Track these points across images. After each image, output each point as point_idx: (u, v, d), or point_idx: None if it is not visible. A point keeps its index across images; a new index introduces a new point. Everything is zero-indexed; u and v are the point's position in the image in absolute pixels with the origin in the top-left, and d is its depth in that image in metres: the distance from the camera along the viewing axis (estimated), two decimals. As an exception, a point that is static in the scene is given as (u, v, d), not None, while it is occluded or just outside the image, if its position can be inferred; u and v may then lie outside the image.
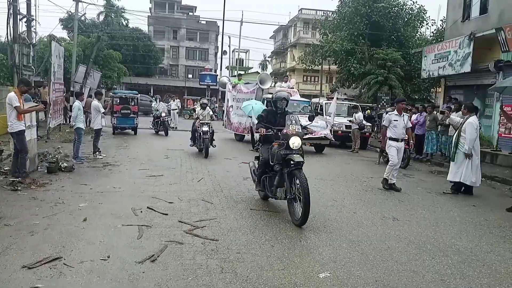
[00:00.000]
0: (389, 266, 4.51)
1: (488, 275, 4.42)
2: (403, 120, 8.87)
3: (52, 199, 6.55)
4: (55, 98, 13.89)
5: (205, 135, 12.25)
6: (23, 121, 7.82)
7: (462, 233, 5.93)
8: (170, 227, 5.45)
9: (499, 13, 14.22)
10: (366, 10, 23.85)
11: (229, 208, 6.62)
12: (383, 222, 6.29)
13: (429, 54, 17.32)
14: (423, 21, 25.83)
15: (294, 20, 50.50)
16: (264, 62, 62.54)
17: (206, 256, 4.54)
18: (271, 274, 4.15)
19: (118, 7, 45.54)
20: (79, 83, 20.18)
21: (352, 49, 24.54)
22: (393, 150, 8.80)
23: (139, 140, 16.04)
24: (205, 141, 12.22)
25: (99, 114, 11.31)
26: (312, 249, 4.91)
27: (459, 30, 16.37)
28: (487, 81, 14.58)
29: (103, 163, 10.20)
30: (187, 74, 53.35)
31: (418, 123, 14.11)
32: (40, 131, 13.26)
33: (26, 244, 4.61)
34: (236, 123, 16.96)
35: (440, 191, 8.95)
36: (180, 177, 9.07)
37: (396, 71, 21.67)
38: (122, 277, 3.92)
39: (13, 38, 11.34)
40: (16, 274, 3.87)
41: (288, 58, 51.51)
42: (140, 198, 6.95)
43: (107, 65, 33.34)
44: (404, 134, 8.93)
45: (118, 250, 4.56)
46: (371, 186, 9.14)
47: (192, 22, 56.17)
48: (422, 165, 13.12)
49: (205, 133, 12.25)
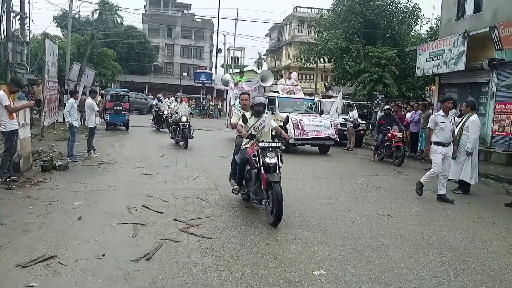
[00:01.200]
0: (384, 263, 4.53)
1: (481, 272, 4.45)
2: (451, 121, 7.78)
3: (46, 198, 6.53)
4: (49, 96, 13.83)
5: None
6: (15, 120, 7.73)
7: (456, 231, 5.96)
8: (165, 225, 5.44)
9: (493, 12, 14.29)
10: (361, 9, 23.89)
11: (224, 206, 6.62)
12: (377, 219, 6.31)
13: (424, 52, 17.38)
14: (418, 19, 25.92)
15: (289, 18, 50.50)
16: (259, 60, 62.49)
17: (201, 254, 4.54)
18: (266, 272, 4.16)
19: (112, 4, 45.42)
20: (73, 81, 20.08)
21: (347, 47, 24.58)
22: (439, 158, 7.69)
23: (134, 138, 15.99)
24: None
25: (93, 112, 11.26)
26: (307, 247, 4.93)
27: (453, 28, 16.43)
28: (481, 79, 14.66)
29: (97, 162, 10.16)
30: (182, 72, 53.23)
31: (413, 121, 14.17)
32: (34, 129, 13.19)
33: (21, 242, 4.59)
34: None
35: (433, 188, 8.98)
36: (176, 175, 9.06)
37: (390, 69, 21.72)
38: (117, 276, 3.91)
39: (7, 36, 11.28)
40: (10, 273, 3.85)
41: (283, 56, 51.51)
42: (135, 196, 6.94)
43: (101, 63, 33.24)
44: (451, 137, 7.83)
45: (113, 249, 4.55)
46: (366, 184, 9.17)
47: (187, 20, 56.00)
48: (417, 163, 13.17)
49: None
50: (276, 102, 14.88)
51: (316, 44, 26.76)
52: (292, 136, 13.20)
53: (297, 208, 6.68)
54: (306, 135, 13.55)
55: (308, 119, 13.90)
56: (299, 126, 13.49)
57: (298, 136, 13.44)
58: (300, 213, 6.37)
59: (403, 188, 8.92)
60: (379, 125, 13.13)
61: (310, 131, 13.59)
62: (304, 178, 9.38)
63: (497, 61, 13.40)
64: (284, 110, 14.45)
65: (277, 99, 15.02)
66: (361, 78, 22.34)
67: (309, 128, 13.63)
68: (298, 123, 13.50)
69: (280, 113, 14.13)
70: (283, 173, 6.20)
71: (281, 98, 15.26)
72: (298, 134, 13.46)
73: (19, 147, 8.13)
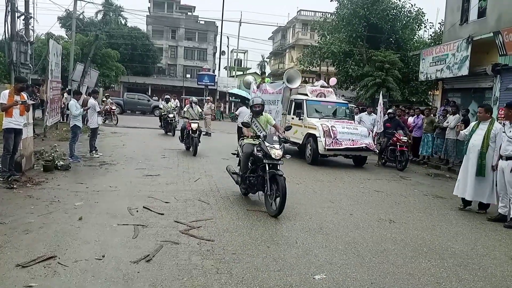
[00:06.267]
0: (385, 269, 4.50)
1: (483, 279, 4.42)
2: None
3: (47, 198, 6.52)
4: (52, 97, 13.85)
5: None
6: (13, 118, 7.64)
7: (458, 236, 5.93)
8: (166, 227, 5.43)
9: (497, 17, 14.24)
10: (365, 12, 23.87)
11: (225, 208, 6.60)
12: (379, 224, 6.28)
13: (427, 57, 17.33)
14: (421, 23, 25.84)
15: (292, 21, 50.51)
16: (262, 63, 62.54)
17: (201, 256, 4.52)
18: (267, 275, 4.14)
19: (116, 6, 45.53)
20: (77, 81, 20.13)
21: (350, 50, 24.57)
22: None
23: (136, 139, 15.99)
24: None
25: (95, 113, 11.26)
26: (308, 251, 4.90)
27: (457, 33, 16.39)
28: (484, 85, 14.60)
29: (99, 162, 10.16)
30: (185, 74, 53.27)
31: (416, 125, 14.14)
32: (37, 129, 13.22)
33: (21, 242, 4.58)
34: None
35: (436, 193, 8.95)
36: (177, 177, 9.04)
37: (394, 73, 21.67)
38: (117, 277, 3.90)
39: (11, 35, 11.27)
40: (10, 273, 3.84)
41: (287, 59, 51.49)
42: (136, 197, 6.93)
43: (105, 64, 33.32)
44: None
45: (113, 250, 4.54)
46: (368, 188, 9.14)
47: (190, 22, 56.10)
48: (419, 168, 13.14)
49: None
50: (304, 106, 12.94)
51: (319, 47, 26.73)
52: (323, 146, 11.56)
53: (299, 211, 6.66)
54: (340, 145, 11.64)
55: (341, 126, 12.08)
56: (331, 134, 11.59)
57: (330, 145, 11.54)
58: (302, 217, 6.35)
59: (405, 193, 8.89)
60: (384, 129, 13.03)
61: (344, 140, 11.70)
62: (306, 182, 9.36)
63: (500, 66, 13.33)
64: (313, 115, 12.73)
65: (305, 103, 13.02)
66: (364, 82, 22.30)
67: (343, 136, 11.75)
68: (330, 131, 11.64)
69: (309, 118, 12.55)
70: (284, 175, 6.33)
71: (309, 101, 13.14)
72: (330, 143, 11.55)
73: (21, 146, 8.13)
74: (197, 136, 12.50)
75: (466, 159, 7.38)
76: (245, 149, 7.04)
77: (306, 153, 12.52)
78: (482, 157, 7.05)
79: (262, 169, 6.57)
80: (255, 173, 6.87)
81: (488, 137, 7.06)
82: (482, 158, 7.05)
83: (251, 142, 7.08)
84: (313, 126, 12.11)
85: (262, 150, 6.57)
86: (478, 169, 7.08)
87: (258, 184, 6.75)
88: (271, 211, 6.28)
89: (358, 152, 12.12)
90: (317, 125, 11.93)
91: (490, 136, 7.06)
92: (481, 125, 7.30)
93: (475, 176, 7.12)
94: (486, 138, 7.06)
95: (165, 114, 18.66)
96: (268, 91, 14.81)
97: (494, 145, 7.03)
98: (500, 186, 6.88)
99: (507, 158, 6.65)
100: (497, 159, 6.94)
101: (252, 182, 6.84)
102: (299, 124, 12.82)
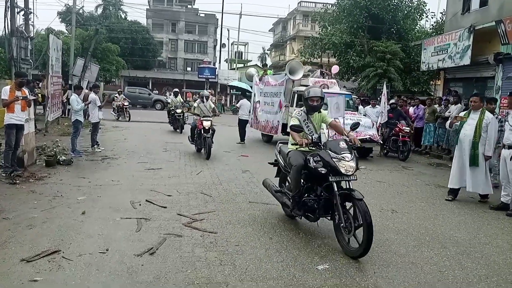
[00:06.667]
0: (388, 258, 4.52)
1: (486, 267, 4.43)
2: None
3: (50, 193, 6.55)
4: (53, 92, 13.85)
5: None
6: (15, 114, 7.64)
7: (460, 225, 5.94)
8: (168, 220, 5.45)
9: (499, 6, 14.16)
10: (366, 3, 23.71)
11: (227, 201, 6.62)
12: (382, 214, 6.29)
13: (429, 47, 17.25)
14: (423, 13, 25.68)
15: (293, 12, 50.22)
16: (263, 55, 62.34)
17: (205, 248, 4.54)
18: (270, 266, 4.16)
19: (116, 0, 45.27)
20: (78, 76, 20.12)
21: (351, 41, 24.43)
22: None
23: (137, 133, 16.00)
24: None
25: (96, 107, 11.26)
26: (310, 241, 4.92)
27: (459, 22, 16.31)
28: (486, 74, 14.54)
29: (101, 156, 10.18)
30: (186, 67, 53.15)
31: (418, 116, 14.10)
32: (39, 124, 13.24)
33: (25, 237, 4.61)
34: (264, 121, 14.69)
35: (438, 183, 8.94)
36: (179, 170, 9.06)
37: (395, 63, 21.57)
38: (121, 270, 3.92)
39: (11, 31, 11.26)
40: (15, 268, 3.87)
41: (288, 51, 51.28)
42: (139, 191, 6.95)
43: (105, 58, 33.28)
44: None
45: (117, 243, 4.56)
46: (370, 179, 9.14)
47: (190, 14, 55.84)
48: (421, 158, 13.12)
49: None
50: None
51: (320, 38, 26.61)
52: (326, 138, 11.33)
53: (301, 203, 6.65)
54: None
55: (345, 118, 11.43)
56: None
57: (333, 137, 10.93)
58: (304, 208, 6.34)
59: (407, 183, 8.89)
60: (387, 119, 12.94)
61: None
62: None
63: (503, 55, 13.27)
64: None
65: None
66: (365, 73, 22.22)
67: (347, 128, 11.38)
68: None
69: None
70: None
71: None
72: (333, 135, 11.05)
73: (23, 142, 8.15)
74: (210, 136, 10.58)
75: (459, 150, 7.29)
76: (295, 160, 5.06)
77: None
78: (475, 147, 6.99)
79: (326, 189, 4.81)
80: (311, 191, 5.11)
81: (480, 127, 6.98)
82: (475, 148, 7.00)
83: (302, 149, 5.14)
84: None
85: (323, 161, 4.72)
86: (472, 159, 7.04)
87: (320, 209, 4.94)
88: (350, 250, 4.52)
89: (363, 143, 11.76)
90: None
91: (482, 126, 6.98)
92: (472, 114, 7.20)
93: (470, 167, 7.09)
94: (478, 128, 6.98)
95: (173, 109, 17.22)
96: (271, 83, 14.65)
97: (485, 135, 6.98)
98: (502, 175, 6.90)
99: (509, 147, 6.64)
100: (492, 149, 6.95)
101: (311, 205, 4.98)
102: None
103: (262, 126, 14.75)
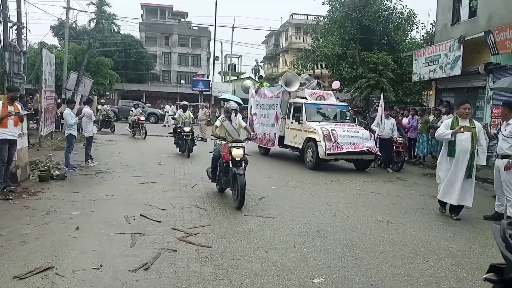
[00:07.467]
0: (384, 270, 4.51)
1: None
2: None
3: (44, 208, 6.49)
4: (46, 106, 13.82)
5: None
6: (7, 129, 7.53)
7: (455, 236, 5.95)
8: (163, 235, 5.41)
9: (488, 17, 14.36)
10: (357, 15, 23.98)
11: (222, 214, 6.60)
12: (377, 225, 6.29)
13: (420, 58, 17.44)
14: (413, 25, 25.98)
15: (285, 25, 50.66)
16: (256, 67, 62.65)
17: (200, 263, 4.51)
18: (266, 280, 4.13)
19: (109, 13, 45.48)
20: (71, 90, 20.09)
21: (343, 53, 24.64)
22: None
23: (132, 147, 15.95)
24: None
25: (91, 121, 11.23)
26: (306, 254, 4.90)
27: (449, 33, 16.51)
28: (477, 84, 14.70)
29: (95, 171, 10.13)
30: (180, 80, 53.26)
31: (412, 126, 14.19)
32: (32, 139, 13.17)
33: (18, 254, 4.56)
34: (260, 133, 14.52)
35: (432, 194, 8.95)
36: (173, 183, 9.03)
37: (387, 74, 21.75)
38: (115, 286, 3.88)
39: (4, 45, 11.26)
40: (7, 285, 3.82)
41: (280, 63, 51.59)
42: (133, 205, 6.91)
43: (98, 72, 33.27)
44: None
45: (111, 259, 4.52)
46: (365, 190, 9.16)
47: (184, 28, 56.17)
48: (415, 168, 13.18)
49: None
50: (303, 110, 12.56)
51: (312, 50, 26.82)
52: (323, 150, 11.15)
53: (296, 215, 6.66)
54: (341, 149, 11.27)
55: (342, 129, 11.76)
56: (331, 138, 11.25)
57: (330, 150, 11.16)
58: (299, 220, 6.35)
59: (401, 194, 8.91)
60: None
61: (345, 144, 11.34)
62: (302, 185, 9.36)
63: (493, 65, 13.44)
64: (313, 118, 12.41)
65: (304, 106, 12.65)
66: (358, 84, 22.38)
67: (344, 140, 11.41)
68: (330, 134, 11.30)
69: (308, 122, 12.21)
70: (281, 179, 6.33)
71: (308, 104, 12.80)
72: (331, 147, 11.19)
73: (16, 157, 8.09)
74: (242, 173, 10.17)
75: (455, 163, 6.75)
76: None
77: (306, 158, 12.10)
78: (473, 158, 6.65)
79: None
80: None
81: (475, 136, 6.65)
82: (472, 159, 6.65)
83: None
84: (313, 130, 11.78)
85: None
86: (469, 171, 6.66)
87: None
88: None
89: (360, 155, 11.70)
90: (316, 129, 11.61)
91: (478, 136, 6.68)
92: (461, 123, 6.73)
93: (464, 179, 6.69)
94: (474, 137, 6.65)
95: (180, 127, 14.25)
96: (267, 95, 14.66)
97: (479, 143, 6.72)
98: (496, 185, 6.89)
99: (503, 156, 6.60)
100: (485, 158, 6.72)
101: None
102: (298, 128, 12.61)
103: (259, 139, 14.61)
